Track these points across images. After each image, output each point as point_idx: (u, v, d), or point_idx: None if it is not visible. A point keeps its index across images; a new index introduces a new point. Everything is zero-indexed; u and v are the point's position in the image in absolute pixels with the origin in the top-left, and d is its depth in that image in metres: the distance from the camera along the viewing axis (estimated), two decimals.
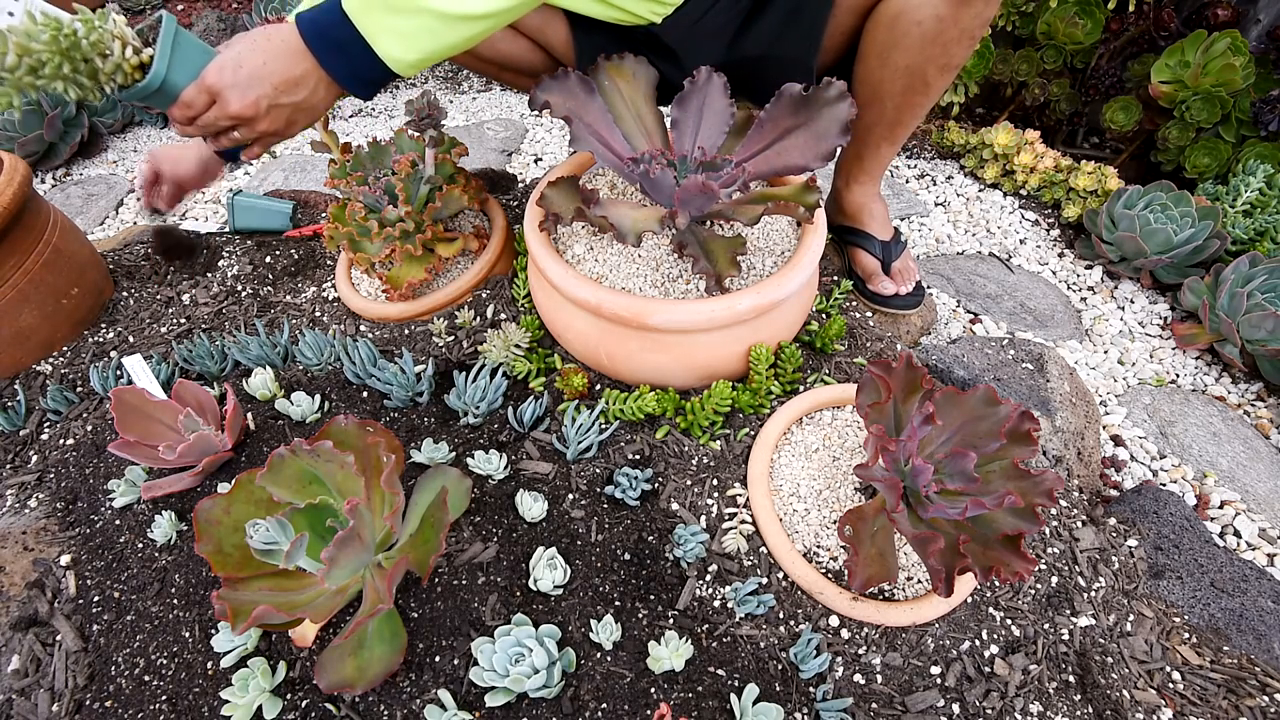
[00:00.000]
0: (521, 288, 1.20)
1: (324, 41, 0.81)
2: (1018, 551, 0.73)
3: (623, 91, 1.01)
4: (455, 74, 2.58)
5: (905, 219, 1.81)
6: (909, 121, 1.14)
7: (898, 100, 1.08)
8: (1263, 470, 1.22)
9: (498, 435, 1.05)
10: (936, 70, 1.01)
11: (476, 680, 0.78)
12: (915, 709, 0.81)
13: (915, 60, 0.99)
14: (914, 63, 0.99)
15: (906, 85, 1.04)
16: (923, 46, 0.97)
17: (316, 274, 1.38)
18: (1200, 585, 0.96)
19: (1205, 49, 1.62)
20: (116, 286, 1.39)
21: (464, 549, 0.91)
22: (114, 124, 2.22)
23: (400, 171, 1.15)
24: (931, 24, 0.94)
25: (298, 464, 0.79)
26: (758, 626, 0.86)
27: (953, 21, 0.93)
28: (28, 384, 1.22)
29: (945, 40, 0.96)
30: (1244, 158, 1.66)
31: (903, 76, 1.02)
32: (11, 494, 1.07)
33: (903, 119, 1.12)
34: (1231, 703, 0.86)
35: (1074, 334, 1.48)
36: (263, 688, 0.79)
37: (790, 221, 1.10)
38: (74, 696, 0.84)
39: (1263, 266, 1.36)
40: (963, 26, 0.95)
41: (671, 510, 0.95)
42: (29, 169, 1.21)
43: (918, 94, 1.06)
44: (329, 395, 1.11)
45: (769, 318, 0.98)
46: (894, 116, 1.11)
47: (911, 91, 1.06)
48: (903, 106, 1.10)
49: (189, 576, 0.92)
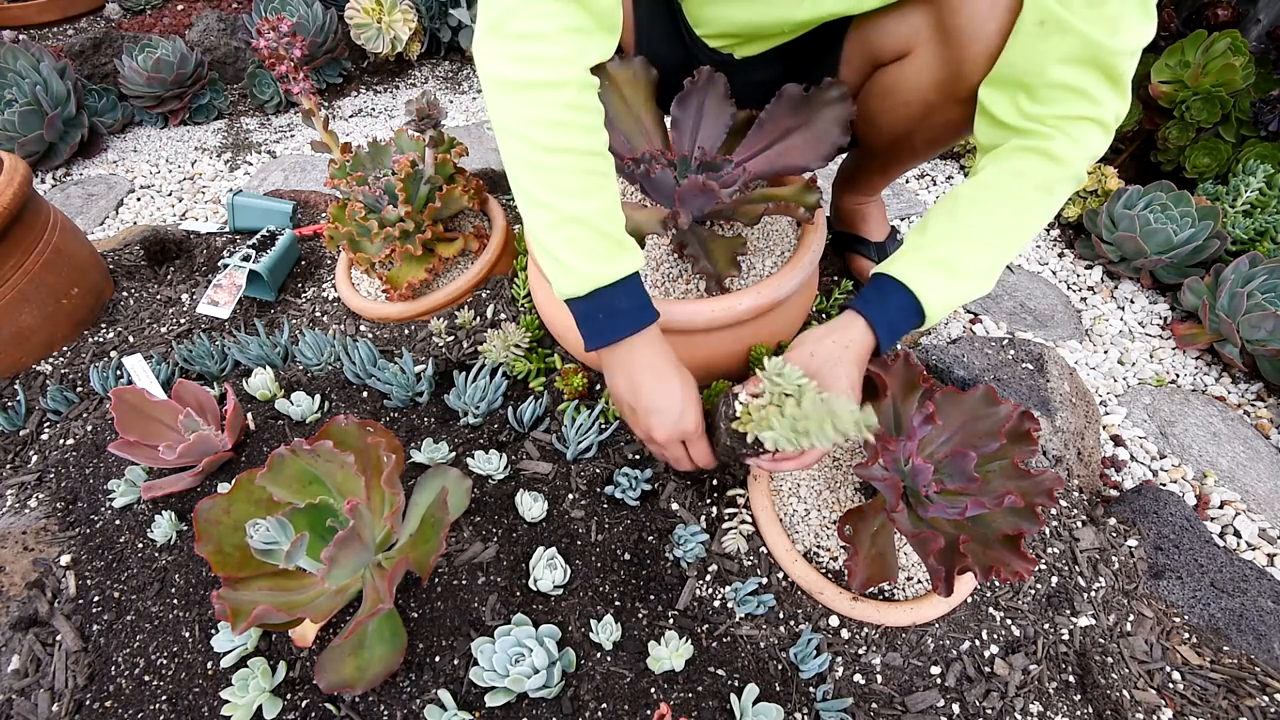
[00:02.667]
0: (521, 288, 1.20)
1: (601, 327, 0.78)
2: (1018, 551, 0.73)
3: (623, 92, 1.01)
4: (455, 74, 2.58)
5: (905, 219, 1.81)
6: (901, 169, 1.15)
7: (887, 155, 1.09)
8: (1263, 470, 1.22)
9: (498, 435, 1.04)
10: (924, 142, 1.01)
11: (476, 680, 0.78)
12: (915, 709, 0.81)
13: (903, 131, 0.99)
14: (901, 133, 0.99)
15: (894, 146, 1.04)
16: (909, 123, 0.96)
17: (316, 274, 1.38)
18: (1200, 585, 0.96)
19: (1205, 49, 1.62)
20: (116, 286, 1.39)
21: (464, 549, 0.91)
22: (114, 124, 2.21)
23: (400, 171, 1.15)
24: (919, 108, 0.93)
25: (298, 464, 0.79)
26: (758, 626, 0.86)
27: (941, 111, 0.91)
28: (28, 384, 1.22)
29: (932, 124, 0.95)
30: (1244, 158, 1.66)
31: (890, 140, 1.03)
32: (11, 494, 1.07)
33: (893, 167, 1.14)
34: (1231, 703, 0.86)
35: (1074, 334, 1.48)
36: (263, 688, 0.79)
37: (790, 222, 1.10)
38: (74, 696, 0.84)
39: (1263, 266, 1.36)
40: (950, 119, 0.92)
41: (671, 510, 0.95)
42: (29, 169, 1.21)
43: (906, 155, 1.08)
44: (329, 395, 1.11)
45: (769, 318, 0.98)
46: (884, 162, 1.13)
47: (899, 152, 1.07)
48: (891, 161, 1.12)
49: (189, 576, 0.92)
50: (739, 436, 0.77)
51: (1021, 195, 0.78)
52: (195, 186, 2.01)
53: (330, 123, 1.90)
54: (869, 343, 0.81)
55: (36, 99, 1.90)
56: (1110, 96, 0.74)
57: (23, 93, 1.90)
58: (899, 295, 0.80)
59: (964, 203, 0.80)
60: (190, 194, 1.98)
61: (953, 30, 0.81)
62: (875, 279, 0.83)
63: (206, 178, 2.05)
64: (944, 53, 0.84)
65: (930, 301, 0.79)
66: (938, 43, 0.84)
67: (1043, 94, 0.75)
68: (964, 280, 0.80)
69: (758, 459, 0.79)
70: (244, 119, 2.31)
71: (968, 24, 0.79)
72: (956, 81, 0.85)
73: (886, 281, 0.81)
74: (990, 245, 0.80)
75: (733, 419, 0.77)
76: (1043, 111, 0.76)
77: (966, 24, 0.80)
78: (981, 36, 0.79)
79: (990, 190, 0.79)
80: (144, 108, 2.22)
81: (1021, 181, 0.77)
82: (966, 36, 0.80)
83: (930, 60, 0.86)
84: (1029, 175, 0.77)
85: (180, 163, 2.11)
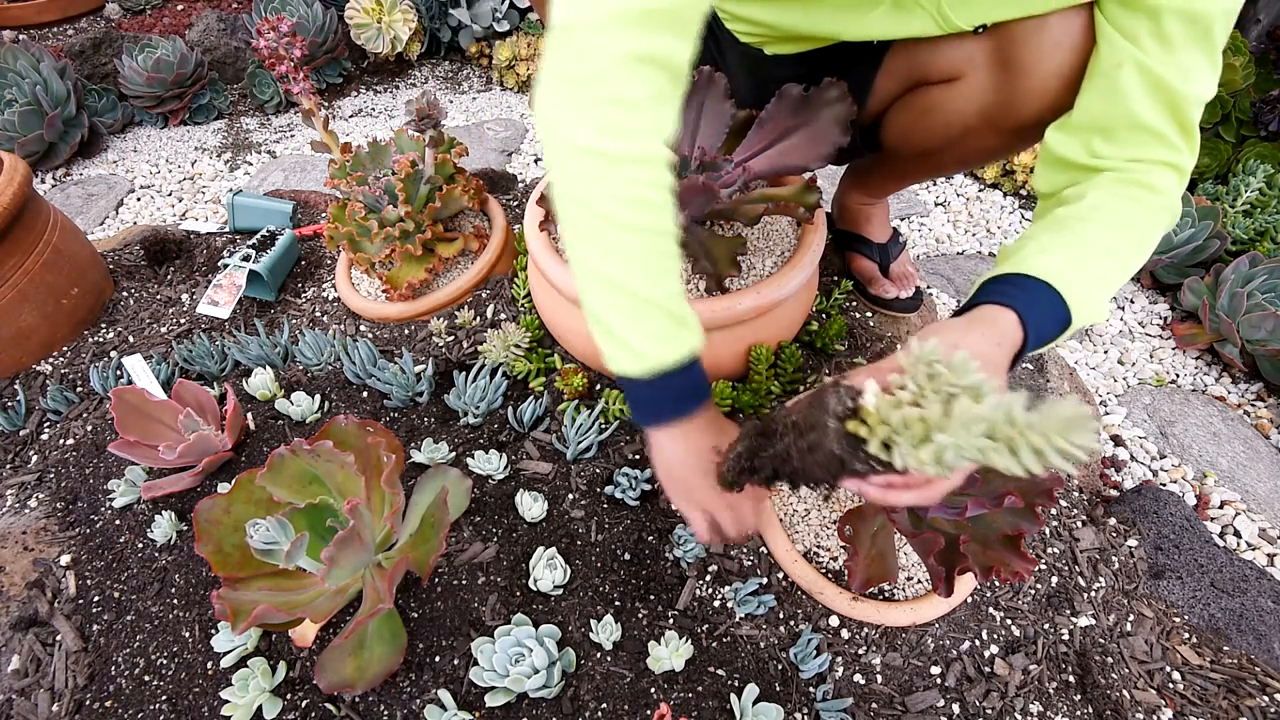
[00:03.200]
0: (521, 288, 1.20)
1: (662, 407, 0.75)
2: (1018, 551, 0.73)
3: None
4: (455, 74, 2.58)
5: (905, 219, 1.81)
6: (917, 180, 1.15)
7: (910, 165, 1.09)
8: (1263, 470, 1.22)
9: (498, 435, 1.05)
10: (953, 161, 1.00)
11: (476, 680, 0.78)
12: (915, 709, 0.81)
13: (935, 148, 0.98)
14: (933, 149, 0.98)
15: (921, 159, 1.04)
16: (944, 141, 0.95)
17: (316, 274, 1.38)
18: (1200, 585, 0.96)
19: None
20: (116, 286, 1.39)
21: (464, 549, 0.91)
22: (114, 124, 2.21)
23: (400, 171, 1.15)
24: (958, 131, 0.91)
25: (298, 464, 0.79)
26: (758, 626, 0.86)
27: (978, 136, 0.90)
28: (28, 384, 1.22)
29: (966, 147, 0.94)
30: (1244, 158, 1.66)
31: (919, 153, 1.02)
32: (11, 494, 1.07)
33: (910, 177, 1.14)
34: (1231, 703, 0.86)
35: (1074, 334, 1.48)
36: (263, 688, 0.79)
37: (790, 222, 1.10)
38: (74, 696, 0.84)
39: (1263, 266, 1.36)
40: (986, 145, 0.91)
41: (671, 510, 0.95)
42: (29, 169, 1.21)
43: (929, 169, 1.07)
44: (329, 395, 1.11)
45: (769, 318, 0.98)
46: (904, 171, 1.12)
47: (924, 166, 1.06)
48: (912, 172, 1.11)
49: (189, 576, 0.92)
50: (854, 444, 0.53)
51: (1132, 215, 0.73)
52: (195, 186, 2.02)
53: (330, 123, 1.90)
54: (1017, 342, 0.67)
55: (36, 99, 1.90)
56: (1184, 143, 0.72)
57: (23, 93, 1.90)
58: (1046, 295, 0.68)
59: (1077, 222, 0.73)
60: (190, 194, 1.99)
61: (1012, 62, 0.81)
62: (1005, 279, 0.70)
63: (206, 178, 2.05)
64: (998, 82, 0.83)
65: (1077, 306, 0.68)
66: (993, 72, 0.84)
67: (1120, 136, 0.73)
68: (1100, 291, 0.70)
69: (864, 481, 0.56)
70: (244, 119, 2.32)
71: (1030, 57, 0.79)
72: (1004, 111, 0.84)
73: (1024, 279, 0.69)
74: (1116, 262, 0.73)
75: (847, 417, 0.54)
76: (1117, 153, 0.73)
77: (1029, 57, 0.79)
78: (1040, 71, 0.78)
79: (1102, 211, 0.73)
80: (144, 108, 2.22)
81: (1129, 205, 0.73)
82: (1025, 69, 0.80)
83: (981, 88, 0.86)
84: (1133, 200, 0.73)
85: (180, 163, 2.12)
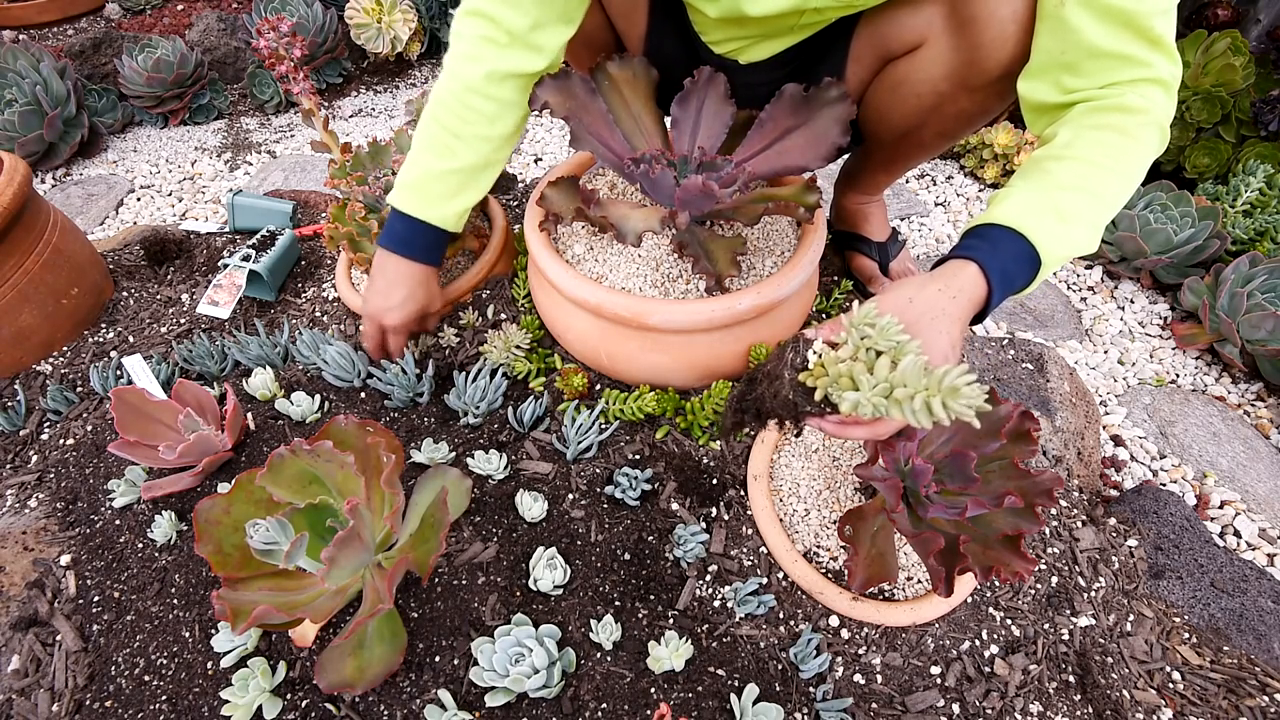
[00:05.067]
0: (521, 288, 1.20)
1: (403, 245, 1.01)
2: (1018, 551, 0.73)
3: (623, 92, 1.01)
4: None
5: (905, 219, 1.81)
6: (906, 166, 1.15)
7: (893, 150, 1.09)
8: (1263, 470, 1.22)
9: (498, 435, 1.04)
10: (934, 135, 1.00)
11: (476, 680, 0.78)
12: (915, 709, 0.81)
13: (913, 124, 0.98)
14: (912, 126, 0.99)
15: (902, 140, 1.04)
16: (920, 115, 0.96)
17: (316, 274, 1.38)
18: (1200, 585, 0.96)
19: (1205, 49, 1.62)
20: (116, 286, 1.39)
21: (464, 549, 0.91)
22: (114, 124, 2.21)
23: None
24: (930, 99, 0.92)
25: (298, 464, 0.79)
26: (758, 626, 0.86)
27: (952, 101, 0.91)
28: (28, 384, 1.22)
29: (943, 115, 0.94)
30: (1244, 158, 1.66)
31: (899, 134, 1.02)
32: (11, 494, 1.07)
33: (898, 163, 1.14)
34: (1231, 703, 0.86)
35: (1074, 334, 1.48)
36: (263, 688, 0.79)
37: (790, 222, 1.10)
38: (74, 696, 0.84)
39: (1263, 266, 1.36)
40: (961, 108, 0.92)
41: (671, 510, 0.95)
42: (29, 169, 1.21)
43: (914, 150, 1.07)
44: (329, 395, 1.11)
45: (769, 318, 0.98)
46: (890, 157, 1.12)
47: (907, 146, 1.06)
48: (898, 157, 1.11)
49: (189, 576, 0.92)
50: (805, 391, 0.64)
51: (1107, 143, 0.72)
52: (195, 186, 2.01)
53: (330, 123, 1.90)
54: (980, 293, 0.70)
55: (36, 99, 1.90)
56: (1155, 57, 0.71)
57: (23, 93, 1.90)
58: (1010, 240, 0.70)
59: (1049, 161, 0.74)
60: (190, 194, 1.99)
61: (968, 19, 0.82)
62: (973, 232, 0.73)
63: (206, 178, 2.05)
64: (958, 41, 0.85)
65: (1045, 245, 0.70)
66: (952, 32, 0.85)
67: (1084, 67, 0.73)
68: (1073, 227, 0.71)
69: (821, 420, 0.66)
70: (244, 119, 2.32)
71: (983, 9, 0.80)
72: (970, 69, 0.85)
73: (989, 229, 0.72)
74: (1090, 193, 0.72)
75: (800, 369, 0.64)
76: (1087, 83, 0.73)
77: (982, 9, 0.80)
78: (995, 22, 0.79)
79: (1073, 146, 0.73)
80: (144, 108, 2.22)
81: (1104, 132, 0.73)
82: (981, 23, 0.81)
83: (944, 50, 0.87)
84: (1109, 126, 0.72)
85: (180, 163, 2.12)
